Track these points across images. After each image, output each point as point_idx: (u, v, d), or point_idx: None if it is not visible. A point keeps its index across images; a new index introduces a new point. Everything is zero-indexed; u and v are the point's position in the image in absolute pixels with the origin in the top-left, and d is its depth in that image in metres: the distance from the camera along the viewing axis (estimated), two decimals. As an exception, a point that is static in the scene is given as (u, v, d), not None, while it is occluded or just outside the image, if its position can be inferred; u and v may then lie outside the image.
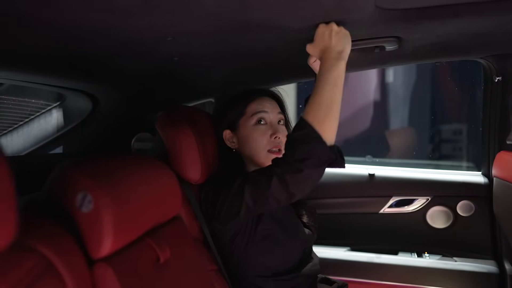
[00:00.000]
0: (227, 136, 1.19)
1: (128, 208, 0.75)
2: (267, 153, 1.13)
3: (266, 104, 1.17)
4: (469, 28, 1.20)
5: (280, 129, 1.15)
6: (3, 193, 0.49)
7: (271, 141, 1.13)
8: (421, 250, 1.67)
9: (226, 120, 1.20)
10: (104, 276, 0.69)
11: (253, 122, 1.15)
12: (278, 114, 1.18)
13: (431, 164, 2.58)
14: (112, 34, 0.96)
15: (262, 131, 1.14)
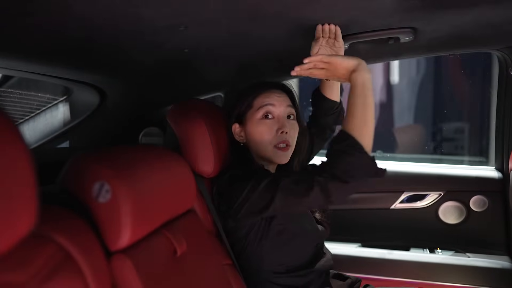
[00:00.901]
0: (236, 130, 1.16)
1: (145, 198, 0.73)
2: (274, 149, 1.10)
3: (274, 97, 1.13)
4: (486, 17, 1.17)
5: (288, 124, 1.12)
6: (24, 180, 0.47)
7: (278, 136, 1.09)
8: (433, 246, 1.64)
9: (234, 113, 1.17)
10: (123, 268, 0.67)
11: (259, 115, 1.11)
12: (287, 108, 1.13)
13: (443, 159, 2.56)
14: (124, 22, 0.93)
15: (268, 125, 1.10)
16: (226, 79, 1.57)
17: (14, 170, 0.46)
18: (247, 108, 1.14)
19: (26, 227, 0.48)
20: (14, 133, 0.47)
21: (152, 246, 0.75)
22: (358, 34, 1.22)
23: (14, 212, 0.46)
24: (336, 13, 1.03)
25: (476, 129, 2.46)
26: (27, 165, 0.47)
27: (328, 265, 1.18)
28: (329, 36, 1.13)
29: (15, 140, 0.46)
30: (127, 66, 1.30)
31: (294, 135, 1.13)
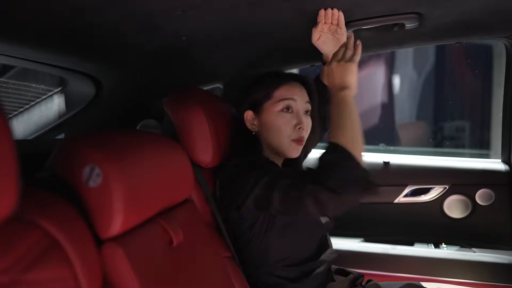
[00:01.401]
0: (249, 117, 1.12)
1: (139, 184, 0.69)
2: (290, 142, 1.08)
3: (296, 91, 1.10)
4: (494, 3, 1.13)
5: (305, 120, 1.10)
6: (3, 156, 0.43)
7: (295, 130, 1.08)
8: (438, 240, 1.60)
9: (250, 100, 1.13)
10: (114, 257, 0.63)
11: (279, 108, 1.08)
12: (306, 104, 1.12)
13: (446, 152, 2.53)
14: (120, 2, 0.89)
15: (287, 119, 1.08)
16: (226, 69, 1.53)
17: None
18: (265, 97, 1.10)
19: (6, 209, 0.44)
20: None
21: (146, 235, 0.71)
22: (361, 20, 1.19)
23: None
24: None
25: (479, 122, 2.43)
26: (5, 139, 0.43)
27: (333, 256, 1.15)
28: (331, 22, 1.10)
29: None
30: (123, 54, 1.26)
31: (308, 130, 1.12)
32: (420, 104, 2.78)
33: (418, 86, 2.78)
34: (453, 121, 2.60)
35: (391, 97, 2.80)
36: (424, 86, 2.75)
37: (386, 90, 2.81)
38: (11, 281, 0.48)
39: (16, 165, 0.44)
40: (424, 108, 2.77)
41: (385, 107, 2.76)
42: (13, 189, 0.44)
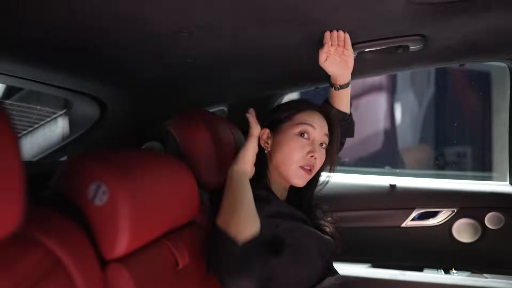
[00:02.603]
0: (264, 135, 1.10)
1: (145, 203, 0.67)
2: (298, 168, 1.05)
3: (316, 119, 1.09)
4: (499, 25, 1.15)
5: (319, 151, 1.07)
6: (10, 170, 0.42)
7: (306, 158, 1.05)
8: (448, 266, 1.55)
9: (270, 119, 1.12)
10: (119, 279, 0.60)
11: (296, 131, 1.07)
12: (324, 136, 1.09)
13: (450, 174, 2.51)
14: (128, 26, 0.91)
15: (301, 144, 1.06)
16: (230, 91, 1.54)
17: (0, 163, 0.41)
18: (285, 119, 1.10)
19: (12, 224, 0.43)
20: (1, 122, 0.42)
21: (151, 257, 0.68)
22: (366, 42, 1.19)
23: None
24: (343, 17, 1.00)
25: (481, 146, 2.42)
26: (14, 155, 0.42)
27: (337, 283, 1.11)
28: (338, 44, 1.10)
29: (2, 128, 0.42)
30: (129, 76, 1.27)
31: (319, 163, 1.09)
32: (423, 128, 2.79)
33: (421, 111, 2.80)
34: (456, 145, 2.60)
35: (394, 122, 2.82)
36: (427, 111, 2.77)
37: (390, 115, 2.83)
38: (12, 302, 0.46)
39: (22, 182, 0.43)
40: (427, 132, 2.78)
41: (389, 131, 2.77)
42: (19, 205, 0.43)
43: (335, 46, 1.10)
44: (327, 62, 1.13)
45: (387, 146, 2.67)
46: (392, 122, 2.81)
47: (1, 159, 0.41)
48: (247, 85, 1.46)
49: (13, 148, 0.42)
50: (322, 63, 1.13)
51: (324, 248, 1.09)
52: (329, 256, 1.12)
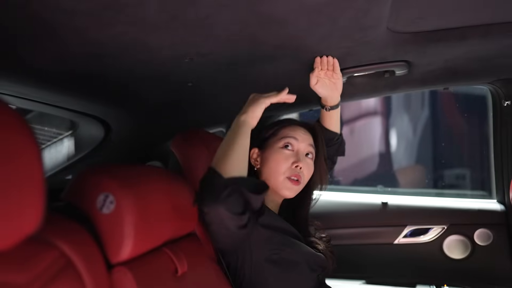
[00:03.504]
0: (254, 154, 1.17)
1: (149, 213, 0.73)
2: (285, 179, 1.10)
3: (299, 132, 1.15)
4: (476, 51, 1.24)
5: (304, 161, 1.12)
6: (33, 180, 0.49)
7: (292, 168, 1.10)
8: (440, 282, 1.60)
9: (258, 138, 1.18)
10: (124, 281, 0.66)
11: (280, 144, 1.13)
12: (309, 146, 1.15)
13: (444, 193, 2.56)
14: (134, 51, 0.98)
15: (285, 155, 1.11)
16: (229, 113, 1.61)
17: (24, 169, 0.47)
18: (271, 135, 1.16)
19: (32, 225, 0.49)
20: (24, 131, 0.48)
21: (153, 263, 0.74)
22: (355, 67, 1.28)
23: (22, 209, 0.47)
24: (332, 45, 1.09)
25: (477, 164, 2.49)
26: (37, 165, 0.49)
27: None
28: (327, 68, 1.18)
29: (25, 138, 0.48)
30: (133, 98, 1.34)
31: (307, 174, 1.13)
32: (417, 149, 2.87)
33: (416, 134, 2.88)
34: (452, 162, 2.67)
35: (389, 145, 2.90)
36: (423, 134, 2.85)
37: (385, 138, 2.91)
38: (30, 295, 0.52)
39: (43, 186, 0.50)
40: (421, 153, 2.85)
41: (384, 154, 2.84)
42: (40, 208, 0.49)
43: (325, 70, 1.17)
44: (318, 85, 1.20)
45: (382, 167, 2.74)
46: (387, 145, 2.89)
47: (25, 167, 0.48)
48: (244, 107, 1.54)
49: (36, 158, 0.49)
50: (313, 86, 1.20)
51: (314, 264, 1.12)
52: (321, 272, 1.15)
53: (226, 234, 0.97)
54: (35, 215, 0.49)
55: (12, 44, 0.87)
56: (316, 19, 0.90)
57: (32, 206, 0.49)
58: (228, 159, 0.95)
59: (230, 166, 0.94)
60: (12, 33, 0.82)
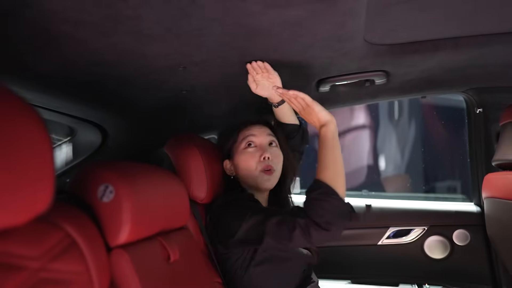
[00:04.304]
0: (227, 166, 1.26)
1: (145, 203, 0.81)
2: (260, 173, 1.18)
3: (255, 128, 1.24)
4: (448, 62, 1.34)
5: (270, 150, 1.21)
6: (45, 163, 0.56)
7: (261, 161, 1.18)
8: (421, 281, 1.67)
9: (224, 150, 1.27)
10: (121, 262, 0.73)
11: (243, 146, 1.22)
12: (268, 136, 1.24)
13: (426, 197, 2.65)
14: (131, 59, 1.06)
15: (251, 153, 1.20)
16: (220, 120, 1.70)
17: (35, 152, 0.55)
18: (233, 143, 1.25)
19: (44, 205, 0.56)
20: (37, 122, 0.56)
21: (148, 248, 0.81)
22: (337, 77, 1.37)
23: (34, 190, 0.55)
24: (315, 55, 1.18)
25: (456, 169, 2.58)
26: (47, 148, 0.56)
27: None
28: (262, 71, 1.19)
29: (38, 127, 0.55)
30: (129, 105, 1.42)
31: (277, 161, 1.22)
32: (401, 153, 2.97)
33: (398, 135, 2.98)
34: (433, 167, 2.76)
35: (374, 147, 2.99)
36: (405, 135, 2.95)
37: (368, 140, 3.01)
38: (40, 267, 0.59)
39: (53, 169, 0.57)
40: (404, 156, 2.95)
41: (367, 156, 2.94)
42: (50, 188, 0.57)
43: (260, 73, 1.19)
44: (258, 88, 1.23)
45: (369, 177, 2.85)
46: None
47: (37, 152, 0.55)
48: (236, 114, 1.62)
49: (46, 143, 0.56)
50: (255, 90, 1.24)
51: (301, 260, 1.20)
52: (307, 266, 1.22)
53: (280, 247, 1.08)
54: (46, 195, 0.56)
55: (18, 51, 0.94)
56: (298, 31, 0.99)
57: (43, 188, 0.56)
58: (341, 178, 1.02)
59: (343, 186, 1.01)
60: (19, 42, 0.90)
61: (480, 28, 1.13)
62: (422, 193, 2.69)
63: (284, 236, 1.00)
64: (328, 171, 1.02)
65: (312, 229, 0.97)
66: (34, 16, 0.78)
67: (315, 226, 0.97)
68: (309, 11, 0.87)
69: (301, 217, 0.99)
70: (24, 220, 0.54)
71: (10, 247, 0.56)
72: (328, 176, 1.01)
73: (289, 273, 1.17)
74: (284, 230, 1.00)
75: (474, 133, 1.70)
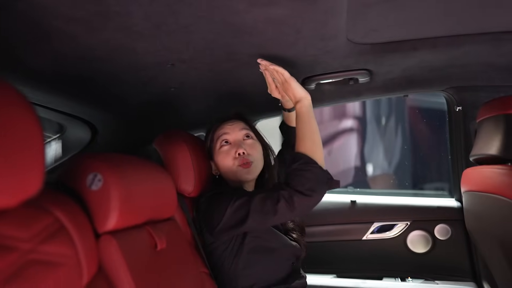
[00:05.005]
0: (213, 166, 1.31)
1: (133, 192, 0.84)
2: (238, 168, 1.22)
3: (227, 126, 1.28)
4: (428, 61, 1.39)
5: (244, 144, 1.24)
6: (35, 148, 0.59)
7: (236, 158, 1.22)
8: (404, 275, 1.72)
9: (206, 151, 1.32)
10: (109, 247, 0.76)
11: (218, 146, 1.26)
12: (242, 130, 1.27)
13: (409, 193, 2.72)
14: (121, 56, 1.08)
15: (226, 151, 1.24)
16: (208, 117, 1.72)
17: (27, 138, 0.58)
18: (211, 143, 1.30)
19: (35, 187, 0.59)
20: (29, 110, 0.59)
21: (135, 236, 0.84)
22: (322, 75, 1.41)
23: (26, 173, 0.58)
24: (300, 53, 1.21)
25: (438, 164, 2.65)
26: (38, 135, 0.59)
27: (302, 282, 1.24)
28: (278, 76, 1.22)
29: (30, 115, 0.58)
30: (119, 101, 1.44)
31: (254, 152, 1.25)
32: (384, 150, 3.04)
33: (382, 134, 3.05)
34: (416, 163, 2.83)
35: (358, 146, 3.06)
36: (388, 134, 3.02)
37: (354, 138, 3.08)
38: (30, 249, 0.62)
39: (43, 154, 0.60)
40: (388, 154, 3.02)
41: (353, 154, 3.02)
42: (40, 172, 0.60)
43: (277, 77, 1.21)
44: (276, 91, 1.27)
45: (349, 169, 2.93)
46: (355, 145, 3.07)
47: (28, 137, 0.58)
48: (223, 111, 1.65)
49: (36, 128, 0.59)
50: (272, 91, 1.27)
51: (290, 252, 1.24)
52: (296, 260, 1.26)
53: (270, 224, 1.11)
54: (36, 179, 0.59)
55: (9, 46, 0.96)
56: (282, 29, 1.02)
57: (34, 172, 0.59)
58: (319, 149, 1.08)
59: (321, 156, 1.07)
60: (11, 36, 0.91)
61: (457, 29, 1.18)
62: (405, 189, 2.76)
63: (268, 211, 1.05)
64: (306, 142, 1.09)
65: (295, 197, 1.02)
66: (26, 10, 0.80)
67: (298, 194, 1.02)
68: (291, 9, 0.90)
69: (284, 189, 1.04)
70: (16, 202, 0.57)
71: (1, 229, 0.59)
72: (307, 147, 1.08)
73: (277, 264, 1.20)
74: (268, 204, 1.05)
75: (454, 130, 1.76)
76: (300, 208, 1.04)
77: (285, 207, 1.03)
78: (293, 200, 1.02)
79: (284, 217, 1.08)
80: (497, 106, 1.33)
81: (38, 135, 0.59)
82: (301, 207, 1.04)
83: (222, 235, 1.12)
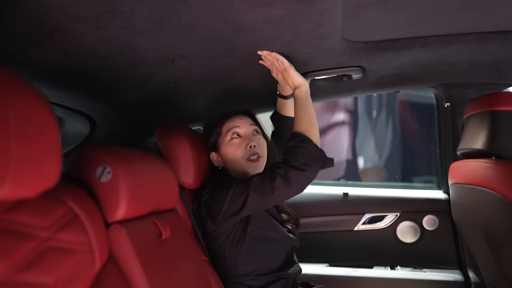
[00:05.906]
0: (214, 157, 1.33)
1: (139, 184, 0.88)
2: (246, 161, 1.25)
3: (237, 119, 1.31)
4: (418, 59, 1.44)
5: (254, 139, 1.28)
6: (53, 142, 0.63)
7: (247, 150, 1.26)
8: (394, 263, 1.80)
9: (209, 143, 1.34)
10: (119, 235, 0.80)
11: (229, 138, 1.28)
12: (251, 126, 1.31)
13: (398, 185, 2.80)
14: (122, 51, 1.10)
15: (237, 143, 1.27)
16: (206, 111, 1.77)
17: (44, 131, 0.61)
18: (217, 136, 1.32)
19: (52, 179, 0.63)
20: (44, 104, 0.62)
21: (142, 225, 0.89)
22: (316, 71, 1.46)
23: (45, 165, 0.62)
24: (296, 50, 1.25)
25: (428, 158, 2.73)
26: (54, 129, 0.63)
27: (297, 270, 1.30)
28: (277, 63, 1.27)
29: (45, 108, 0.62)
30: (118, 96, 1.47)
31: (263, 148, 1.30)
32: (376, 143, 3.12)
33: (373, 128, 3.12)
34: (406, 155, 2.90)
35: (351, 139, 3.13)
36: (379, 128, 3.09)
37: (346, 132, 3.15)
38: (48, 236, 0.66)
39: (60, 147, 0.64)
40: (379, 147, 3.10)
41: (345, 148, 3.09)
42: (58, 164, 0.64)
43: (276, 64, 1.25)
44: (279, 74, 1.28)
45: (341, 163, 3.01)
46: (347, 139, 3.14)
47: (47, 132, 0.62)
48: (221, 106, 1.69)
49: (54, 124, 0.63)
50: (275, 74, 1.30)
51: (286, 243, 1.29)
52: (290, 249, 1.31)
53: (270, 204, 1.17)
54: (54, 171, 0.63)
55: (14, 43, 0.98)
56: (280, 28, 1.07)
57: (52, 164, 0.63)
58: (315, 129, 1.15)
59: (317, 135, 1.14)
60: (16, 33, 0.94)
61: (445, 29, 1.24)
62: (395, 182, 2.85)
63: (266, 190, 1.10)
64: (303, 122, 1.15)
65: (290, 173, 1.08)
66: (31, 9, 0.83)
67: (293, 169, 1.08)
68: (289, 10, 0.95)
69: (280, 168, 1.10)
70: (35, 193, 0.61)
71: (22, 218, 0.63)
72: (303, 127, 1.14)
73: (275, 253, 1.25)
74: (266, 184, 1.10)
75: (443, 125, 1.83)
76: (296, 184, 1.09)
77: (281, 184, 1.08)
78: (288, 176, 1.08)
79: (282, 194, 1.12)
80: (483, 103, 1.39)
81: (54, 127, 0.63)
82: (297, 182, 1.09)
83: (225, 221, 1.16)
